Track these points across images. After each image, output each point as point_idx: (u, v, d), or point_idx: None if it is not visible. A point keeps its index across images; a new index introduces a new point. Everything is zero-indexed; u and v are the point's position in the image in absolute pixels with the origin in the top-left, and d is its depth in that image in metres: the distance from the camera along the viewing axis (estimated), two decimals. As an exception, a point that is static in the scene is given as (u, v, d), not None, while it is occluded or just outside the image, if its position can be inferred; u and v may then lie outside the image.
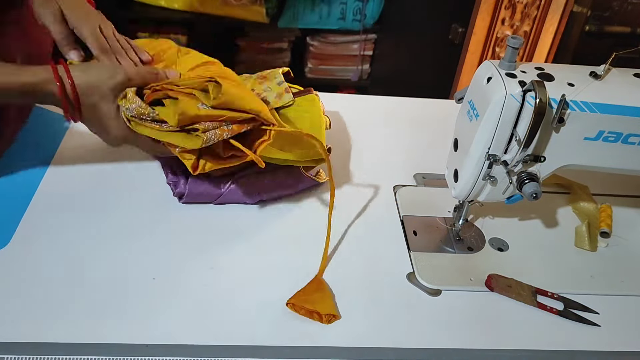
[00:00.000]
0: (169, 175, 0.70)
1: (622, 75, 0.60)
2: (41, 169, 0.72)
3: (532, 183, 0.59)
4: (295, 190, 0.72)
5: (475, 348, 0.56)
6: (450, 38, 1.48)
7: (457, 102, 0.65)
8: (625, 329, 0.60)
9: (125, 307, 0.56)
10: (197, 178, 0.68)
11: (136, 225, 0.66)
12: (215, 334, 0.55)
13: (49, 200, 0.68)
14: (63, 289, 0.57)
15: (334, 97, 0.96)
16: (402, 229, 0.70)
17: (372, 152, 0.83)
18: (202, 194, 0.69)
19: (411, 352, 0.56)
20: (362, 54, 2.18)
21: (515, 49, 0.57)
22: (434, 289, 0.62)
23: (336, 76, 2.24)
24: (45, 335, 0.53)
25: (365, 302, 0.60)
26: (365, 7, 2.05)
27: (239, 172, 0.70)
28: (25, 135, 0.78)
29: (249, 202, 0.70)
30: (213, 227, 0.67)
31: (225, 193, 0.69)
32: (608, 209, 0.74)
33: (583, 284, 0.65)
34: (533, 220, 0.73)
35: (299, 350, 0.55)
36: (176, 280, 0.60)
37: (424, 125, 0.91)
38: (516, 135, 0.57)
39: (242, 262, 0.63)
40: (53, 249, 0.62)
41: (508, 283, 0.62)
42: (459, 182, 0.63)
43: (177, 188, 0.69)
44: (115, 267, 0.60)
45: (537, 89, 0.53)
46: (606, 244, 0.70)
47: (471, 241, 0.69)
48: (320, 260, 0.63)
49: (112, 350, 0.52)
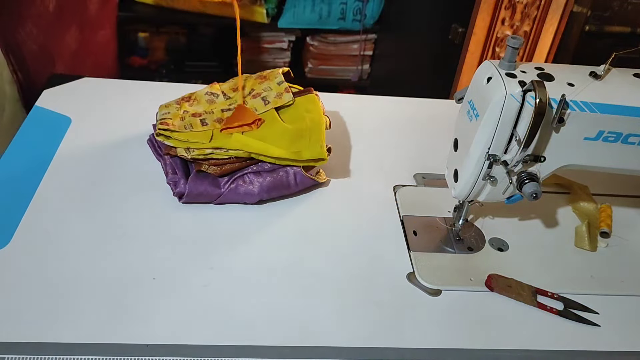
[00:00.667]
0: (169, 174, 0.70)
1: (622, 75, 0.60)
2: (41, 169, 0.72)
3: (532, 183, 0.59)
4: (295, 190, 0.72)
5: (475, 348, 0.56)
6: (450, 38, 1.48)
7: (457, 102, 0.65)
8: (625, 329, 0.60)
9: (125, 307, 0.56)
10: (197, 178, 0.68)
11: (136, 225, 0.66)
12: (215, 334, 0.55)
13: (49, 200, 0.68)
14: (63, 289, 0.57)
15: (334, 97, 0.96)
16: (402, 229, 0.70)
17: (372, 152, 0.83)
18: (202, 194, 0.69)
19: (411, 352, 0.56)
20: (362, 54, 2.18)
21: (515, 49, 0.57)
22: (434, 289, 0.62)
23: (336, 76, 2.24)
24: (45, 335, 0.53)
25: (365, 302, 0.60)
26: (365, 7, 2.05)
27: (238, 172, 0.70)
28: (25, 135, 0.78)
29: (248, 202, 0.70)
30: (213, 227, 0.67)
31: (225, 193, 0.69)
32: (608, 209, 0.74)
33: (583, 284, 0.65)
34: (533, 220, 0.73)
35: (299, 350, 0.55)
36: (176, 280, 0.60)
37: (424, 125, 0.91)
38: (516, 135, 0.57)
39: (242, 262, 0.63)
40: (53, 249, 0.62)
41: (508, 283, 0.62)
42: (459, 182, 0.63)
43: (177, 188, 0.69)
44: (116, 267, 0.60)
45: (537, 89, 0.53)
46: (606, 244, 0.70)
47: (471, 241, 0.69)
48: (320, 260, 0.63)
49: (112, 350, 0.52)
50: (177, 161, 0.71)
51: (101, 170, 0.73)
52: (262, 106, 0.76)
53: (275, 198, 0.71)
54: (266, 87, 0.79)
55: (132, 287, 0.58)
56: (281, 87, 0.79)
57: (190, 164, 0.71)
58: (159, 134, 0.71)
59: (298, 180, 0.71)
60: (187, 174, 0.70)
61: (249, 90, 0.80)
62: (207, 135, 0.72)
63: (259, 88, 0.79)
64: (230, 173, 0.70)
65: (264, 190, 0.70)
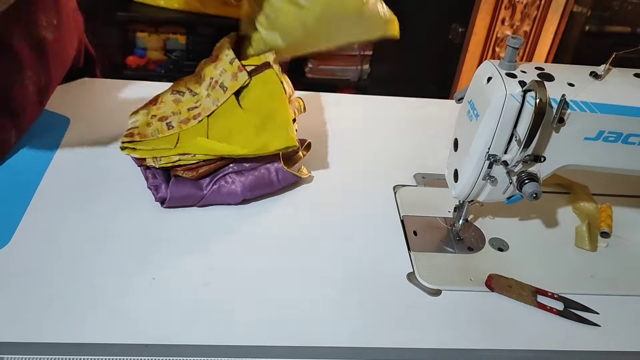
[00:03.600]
0: (149, 179, 0.69)
1: (622, 75, 0.60)
2: (41, 169, 0.72)
3: (532, 183, 0.59)
4: (278, 187, 0.71)
5: (475, 348, 0.56)
6: (450, 38, 1.48)
7: (457, 102, 0.65)
8: (625, 329, 0.60)
9: (124, 307, 0.56)
10: (178, 182, 0.68)
11: (136, 225, 0.66)
12: (215, 334, 0.55)
13: (49, 200, 0.68)
14: (63, 289, 0.57)
15: (334, 97, 0.96)
16: (402, 229, 0.70)
17: (372, 152, 0.83)
18: (184, 198, 0.68)
19: (411, 352, 0.56)
20: (362, 54, 2.17)
21: (515, 49, 0.57)
22: (434, 289, 0.62)
23: (336, 76, 2.24)
24: (45, 335, 0.53)
25: (365, 302, 0.60)
26: (365, 7, 2.04)
27: (220, 172, 0.69)
28: (25, 135, 0.78)
29: (232, 202, 0.69)
30: (212, 228, 0.67)
31: (208, 195, 0.68)
32: (608, 209, 0.74)
33: (583, 284, 0.65)
34: (533, 220, 0.73)
35: (298, 350, 0.54)
36: (176, 280, 0.60)
37: (424, 125, 0.91)
38: (516, 135, 0.57)
39: (243, 262, 0.63)
40: (53, 249, 0.62)
41: (508, 283, 0.62)
42: (459, 182, 0.63)
43: (158, 193, 0.68)
44: (115, 267, 0.60)
45: (537, 89, 0.53)
46: (606, 244, 0.70)
47: (471, 241, 0.69)
48: (320, 260, 0.63)
49: (112, 351, 0.52)
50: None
51: (101, 170, 0.73)
52: (222, 94, 0.75)
53: (258, 197, 0.71)
54: (221, 70, 0.77)
55: (132, 287, 0.58)
56: (234, 65, 0.77)
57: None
58: (124, 147, 0.71)
59: (280, 176, 0.70)
60: (168, 179, 0.69)
61: (208, 80, 0.78)
62: (172, 140, 0.72)
63: (216, 74, 0.78)
64: (208, 175, 0.69)
65: (246, 189, 0.69)
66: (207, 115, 0.75)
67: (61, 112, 0.83)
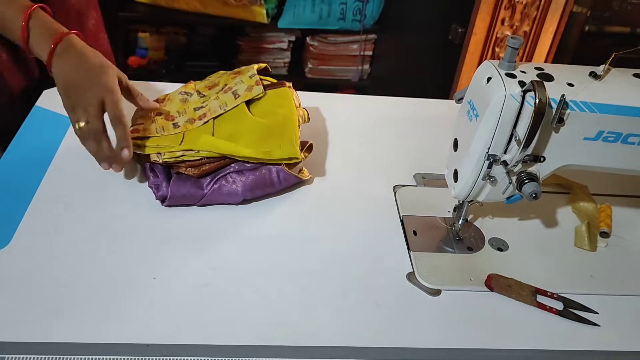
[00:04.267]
0: (150, 178, 0.69)
1: (621, 75, 0.60)
2: (41, 169, 0.72)
3: (531, 183, 0.59)
4: (279, 188, 0.71)
5: (475, 348, 0.56)
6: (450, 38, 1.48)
7: (457, 102, 0.65)
8: (624, 329, 0.60)
9: (125, 307, 0.56)
10: (179, 180, 0.68)
11: (136, 225, 0.66)
12: (215, 334, 0.55)
13: (49, 200, 0.68)
14: (63, 289, 0.57)
15: (334, 97, 0.96)
16: (402, 229, 0.70)
17: (372, 152, 0.83)
18: (184, 196, 0.68)
19: (411, 352, 0.56)
20: (362, 54, 2.18)
21: (515, 49, 0.57)
22: (434, 289, 0.62)
23: (336, 76, 2.24)
24: (45, 335, 0.53)
25: (365, 302, 0.60)
26: (365, 7, 2.05)
27: (221, 172, 0.69)
28: (25, 135, 0.78)
29: (232, 202, 0.69)
30: (213, 227, 0.67)
31: (209, 194, 0.68)
32: (608, 209, 0.74)
33: (583, 284, 0.65)
34: (533, 220, 0.73)
35: (299, 350, 0.55)
36: (177, 280, 0.60)
37: (424, 125, 0.91)
38: (516, 135, 0.57)
39: (243, 262, 0.63)
40: (53, 249, 0.62)
41: (508, 283, 0.62)
42: (458, 182, 0.63)
43: (159, 191, 0.67)
44: (116, 267, 0.60)
45: (536, 89, 0.54)
46: (606, 244, 0.70)
47: (471, 241, 0.69)
48: (320, 260, 0.63)
49: (112, 350, 0.53)
50: (157, 164, 0.70)
51: (101, 170, 0.73)
52: (233, 100, 0.76)
53: (259, 197, 0.71)
54: (238, 81, 0.78)
55: (132, 287, 0.58)
56: (252, 80, 0.78)
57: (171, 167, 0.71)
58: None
59: (281, 177, 0.70)
60: (169, 177, 0.69)
61: (221, 86, 0.79)
62: (177, 138, 0.72)
63: (231, 83, 0.79)
64: (210, 173, 0.69)
65: (247, 189, 0.69)
66: (214, 117, 0.75)
67: (62, 112, 0.83)
